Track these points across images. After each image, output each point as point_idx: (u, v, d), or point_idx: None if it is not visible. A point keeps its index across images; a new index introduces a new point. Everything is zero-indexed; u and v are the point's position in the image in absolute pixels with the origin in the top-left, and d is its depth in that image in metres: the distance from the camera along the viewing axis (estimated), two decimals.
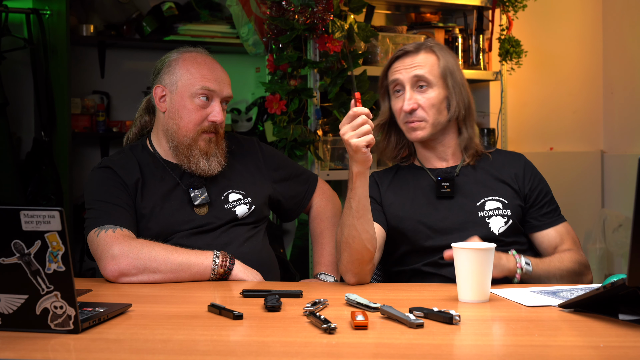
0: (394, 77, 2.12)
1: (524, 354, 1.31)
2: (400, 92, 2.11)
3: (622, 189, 4.35)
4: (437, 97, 2.08)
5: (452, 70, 2.11)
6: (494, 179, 2.13)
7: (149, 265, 1.97)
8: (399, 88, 2.12)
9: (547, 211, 2.12)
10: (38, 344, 1.36)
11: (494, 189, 2.11)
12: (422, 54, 2.11)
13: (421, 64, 2.09)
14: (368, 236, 1.92)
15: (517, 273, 1.92)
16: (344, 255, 1.94)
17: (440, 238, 2.05)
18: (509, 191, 2.10)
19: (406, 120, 2.10)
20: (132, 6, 4.02)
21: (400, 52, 2.13)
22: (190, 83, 2.16)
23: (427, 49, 2.12)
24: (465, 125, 2.13)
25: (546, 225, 2.11)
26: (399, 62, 2.12)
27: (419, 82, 2.08)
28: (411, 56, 2.11)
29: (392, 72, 2.13)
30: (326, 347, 1.34)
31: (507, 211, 2.07)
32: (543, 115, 4.36)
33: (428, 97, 2.08)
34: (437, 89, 2.09)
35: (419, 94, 2.08)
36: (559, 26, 4.40)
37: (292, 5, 3.12)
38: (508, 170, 2.14)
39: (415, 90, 2.09)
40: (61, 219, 1.36)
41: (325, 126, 3.30)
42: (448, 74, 2.10)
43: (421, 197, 2.13)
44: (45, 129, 3.70)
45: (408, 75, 2.09)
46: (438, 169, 2.16)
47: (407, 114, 2.08)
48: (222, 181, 2.23)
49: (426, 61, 2.10)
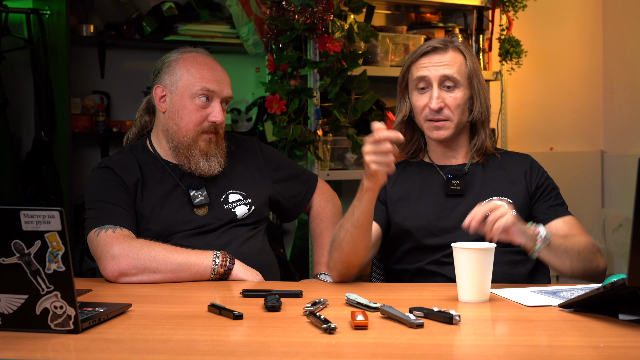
0: (421, 73, 2.08)
1: (524, 354, 1.31)
2: (425, 89, 2.09)
3: (622, 189, 4.35)
4: (463, 97, 2.07)
5: (478, 71, 2.11)
6: (501, 179, 2.12)
7: (149, 265, 1.97)
8: (424, 85, 2.09)
9: (552, 204, 2.09)
10: (38, 344, 1.36)
11: (500, 189, 2.10)
12: (450, 52, 2.08)
13: (450, 63, 2.07)
14: (362, 245, 1.92)
15: (538, 238, 1.83)
16: (335, 255, 1.95)
17: (444, 236, 2.05)
18: (515, 191, 2.10)
19: (430, 117, 2.08)
20: (132, 6, 4.02)
21: (428, 47, 2.09)
22: (191, 83, 2.16)
23: (454, 48, 2.10)
24: (482, 127, 2.13)
25: (552, 217, 2.07)
26: (426, 58, 2.09)
27: (447, 82, 2.06)
28: (440, 53, 2.08)
29: (419, 67, 2.09)
30: (326, 347, 1.34)
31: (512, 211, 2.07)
32: (543, 115, 4.36)
33: (455, 97, 2.06)
34: (463, 90, 2.08)
35: (445, 92, 2.06)
36: (559, 26, 4.40)
37: (292, 5, 3.12)
38: (515, 170, 2.13)
39: (442, 89, 2.07)
40: (61, 219, 1.36)
41: (325, 126, 3.30)
42: (474, 75, 2.09)
43: (428, 194, 2.12)
44: (45, 129, 3.70)
45: (437, 74, 2.06)
46: (448, 166, 2.15)
47: (433, 112, 2.06)
48: (222, 181, 2.23)
49: (455, 60, 2.08)
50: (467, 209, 2.06)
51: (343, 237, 1.92)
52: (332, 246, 1.97)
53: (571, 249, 1.92)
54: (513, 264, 2.03)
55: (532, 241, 1.83)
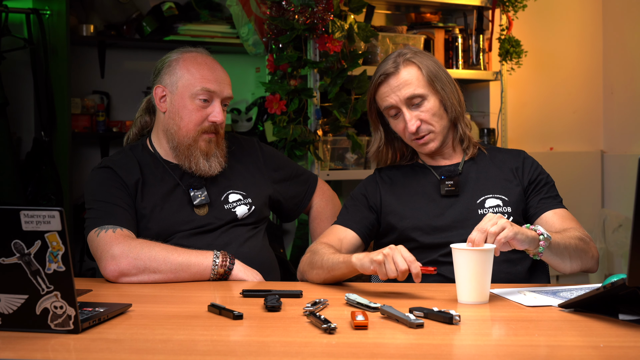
0: (386, 103, 2.09)
1: (524, 354, 1.31)
2: (398, 114, 2.10)
3: (622, 189, 4.35)
4: (434, 105, 2.08)
5: (436, 73, 2.09)
6: (494, 176, 2.13)
7: (149, 265, 1.98)
8: (395, 112, 2.10)
9: (544, 197, 2.08)
10: (38, 344, 1.36)
11: (495, 187, 2.10)
12: (402, 70, 2.07)
13: (407, 82, 2.06)
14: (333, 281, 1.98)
15: (542, 240, 1.79)
16: (317, 273, 1.97)
17: (440, 236, 2.05)
18: (509, 188, 2.10)
19: (414, 138, 2.09)
20: (132, 6, 4.01)
21: (381, 77, 2.09)
22: (191, 84, 2.16)
23: (405, 62, 2.08)
24: (458, 120, 2.13)
25: (544, 210, 2.06)
26: (384, 86, 2.09)
27: (413, 100, 2.06)
28: (394, 76, 2.07)
29: (382, 98, 2.10)
30: (326, 347, 1.34)
31: (507, 208, 2.07)
32: (543, 115, 4.36)
33: (427, 109, 2.07)
34: (431, 98, 2.08)
35: (416, 110, 2.07)
36: (559, 26, 4.40)
37: (292, 5, 3.12)
38: (509, 166, 2.14)
39: (412, 108, 2.07)
40: (61, 219, 1.36)
41: (325, 126, 3.30)
42: (433, 78, 2.08)
43: (423, 196, 2.13)
44: (45, 129, 3.70)
45: (400, 98, 2.06)
46: (442, 166, 2.16)
47: (413, 134, 2.08)
48: (222, 181, 2.23)
49: (410, 76, 2.07)
50: (462, 209, 2.07)
51: (316, 274, 1.97)
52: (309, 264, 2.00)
53: (569, 245, 1.90)
54: (511, 262, 2.03)
55: (535, 244, 1.80)
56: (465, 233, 1.94)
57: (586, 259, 1.96)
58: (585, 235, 2.00)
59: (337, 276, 1.93)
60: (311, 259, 2.01)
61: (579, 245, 1.93)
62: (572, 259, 1.91)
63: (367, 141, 3.45)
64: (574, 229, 2.01)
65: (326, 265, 1.93)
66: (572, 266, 1.93)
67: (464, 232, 1.99)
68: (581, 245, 1.94)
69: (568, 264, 1.92)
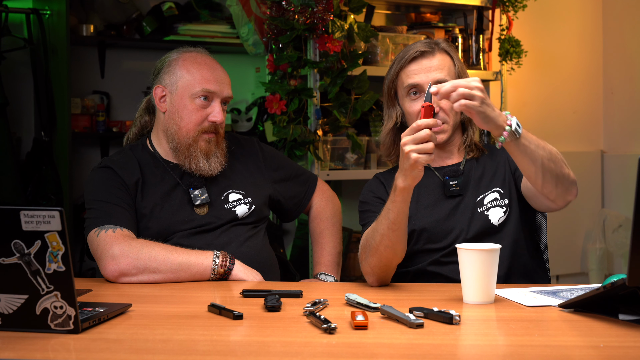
0: (412, 80, 2.07)
1: (524, 354, 1.31)
2: (418, 94, 2.07)
3: (622, 189, 4.35)
4: None
5: (464, 70, 2.11)
6: (493, 171, 2.12)
7: (149, 265, 1.98)
8: (416, 91, 2.08)
9: None
10: (38, 344, 1.36)
11: (495, 182, 2.10)
12: (437, 55, 2.07)
13: (440, 67, 2.06)
14: (401, 247, 1.89)
15: (506, 131, 1.74)
16: (372, 260, 1.89)
17: (444, 237, 2.05)
18: (504, 177, 2.09)
19: None
20: (132, 6, 4.02)
21: (416, 52, 2.07)
22: (191, 84, 2.16)
23: (441, 50, 2.08)
24: (470, 123, 2.13)
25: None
26: (415, 64, 2.07)
27: None
28: (428, 57, 2.07)
29: (409, 74, 2.08)
30: (326, 347, 1.34)
31: (504, 200, 2.07)
32: (543, 115, 4.36)
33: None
34: None
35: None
36: (559, 26, 4.40)
37: (292, 5, 3.12)
38: (501, 159, 2.13)
39: None
40: (61, 219, 1.36)
41: (325, 126, 3.30)
42: (462, 74, 2.09)
43: (426, 196, 2.12)
44: (45, 129, 3.70)
45: (429, 79, 2.03)
46: (444, 167, 2.15)
47: None
48: (222, 181, 2.23)
49: (444, 63, 2.07)
50: (466, 208, 2.07)
51: (380, 242, 1.87)
52: (366, 252, 1.92)
53: (543, 147, 1.83)
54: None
55: (499, 130, 1.74)
56: (468, 232, 1.93)
57: (562, 172, 1.86)
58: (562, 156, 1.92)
59: (395, 222, 1.82)
60: (361, 248, 1.94)
61: (554, 153, 1.85)
62: (544, 162, 1.82)
63: (367, 141, 3.45)
64: None
65: (376, 228, 1.87)
66: (544, 176, 1.84)
67: (468, 234, 1.99)
68: (555, 155, 1.85)
69: (540, 171, 1.83)
